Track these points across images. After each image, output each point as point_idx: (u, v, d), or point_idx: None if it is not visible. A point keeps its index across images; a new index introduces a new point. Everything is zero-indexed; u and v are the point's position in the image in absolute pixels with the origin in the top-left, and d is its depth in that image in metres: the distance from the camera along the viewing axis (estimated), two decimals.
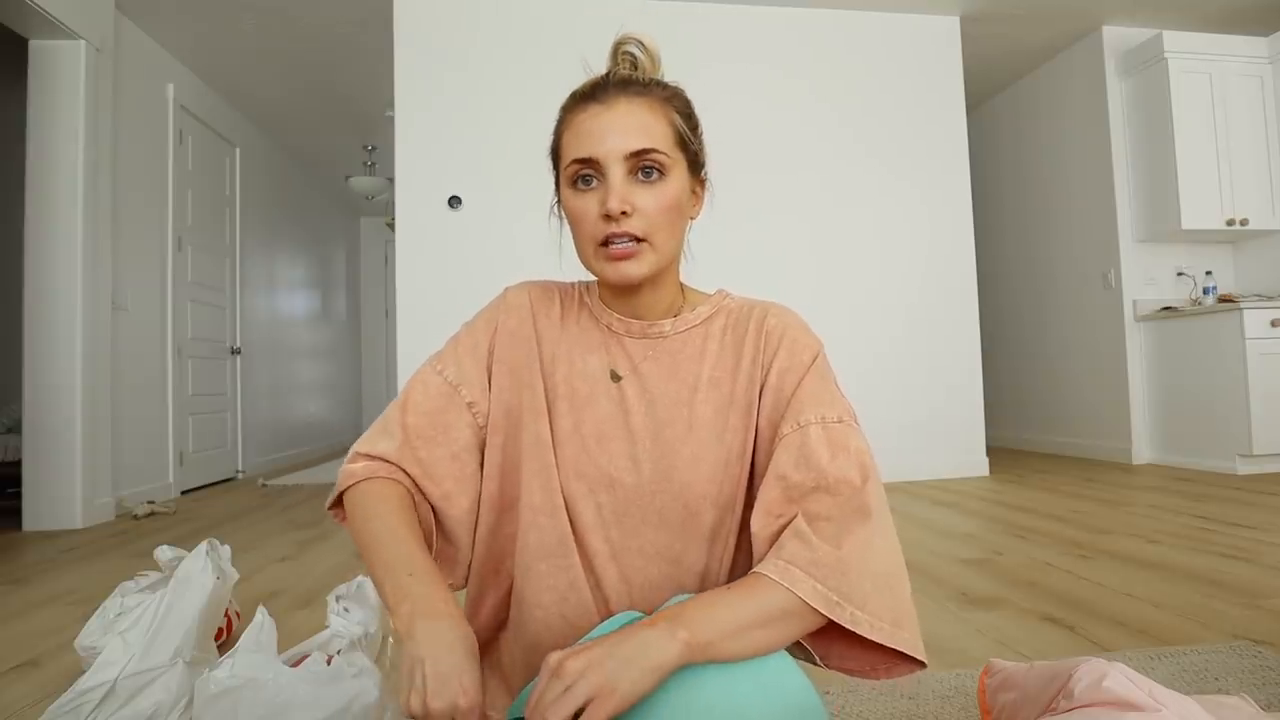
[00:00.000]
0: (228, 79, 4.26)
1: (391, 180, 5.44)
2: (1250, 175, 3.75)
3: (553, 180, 0.75)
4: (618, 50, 0.73)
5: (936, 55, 3.82)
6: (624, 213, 0.67)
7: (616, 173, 0.67)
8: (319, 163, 5.86)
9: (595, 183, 0.69)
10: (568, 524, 0.73)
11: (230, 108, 4.61)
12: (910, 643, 0.61)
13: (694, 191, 0.75)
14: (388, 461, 0.73)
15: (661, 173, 0.69)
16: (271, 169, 5.31)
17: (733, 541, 0.74)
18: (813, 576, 0.61)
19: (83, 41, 2.97)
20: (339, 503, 0.75)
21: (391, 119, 3.43)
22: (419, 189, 3.32)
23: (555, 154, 0.74)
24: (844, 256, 3.67)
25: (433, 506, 0.74)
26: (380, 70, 3.91)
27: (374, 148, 5.43)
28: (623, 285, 0.71)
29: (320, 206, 6.41)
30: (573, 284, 0.84)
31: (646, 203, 0.68)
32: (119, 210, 3.31)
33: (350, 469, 0.73)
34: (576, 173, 0.69)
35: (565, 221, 0.74)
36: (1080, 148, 4.20)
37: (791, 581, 0.60)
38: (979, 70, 4.35)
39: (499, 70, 3.37)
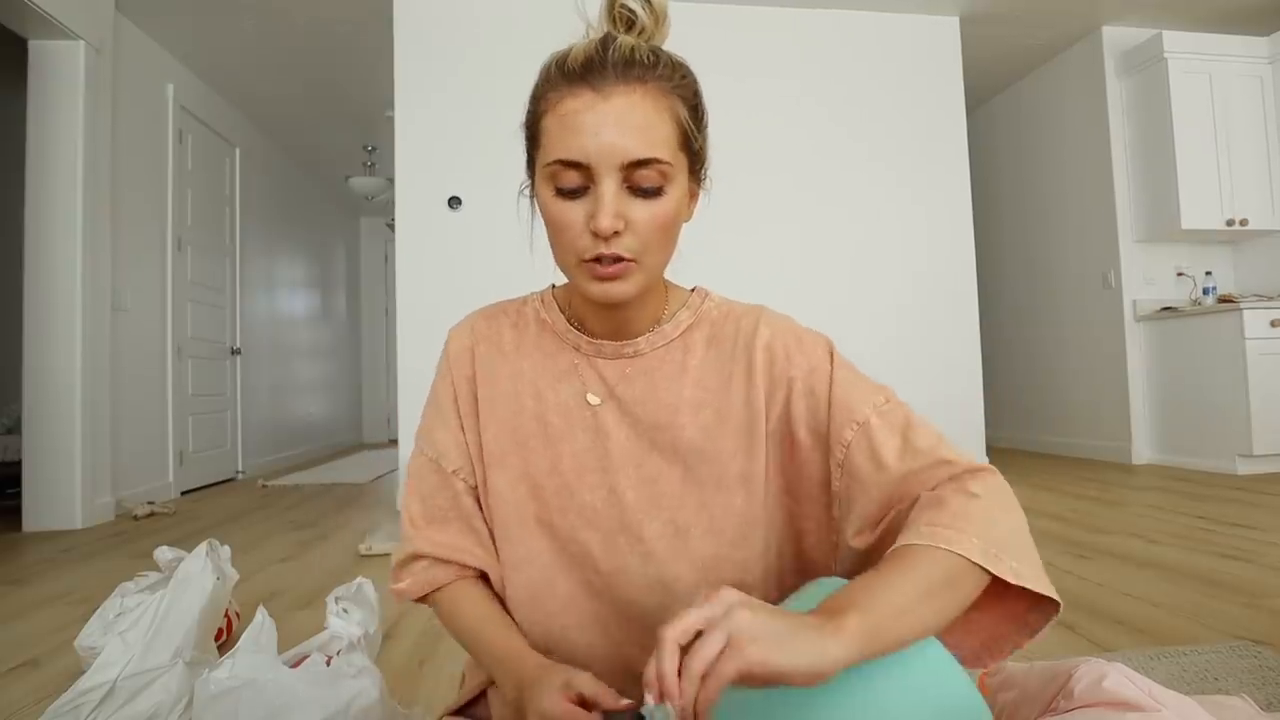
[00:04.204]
0: (228, 79, 4.26)
1: (391, 180, 5.43)
2: (1250, 175, 3.75)
3: (525, 159, 0.66)
4: (614, 2, 0.61)
5: (936, 56, 3.82)
6: (615, 231, 0.58)
7: (610, 185, 0.57)
8: (319, 163, 5.86)
9: (582, 190, 0.59)
10: (536, 573, 0.70)
11: (230, 108, 4.61)
12: (1054, 594, 0.54)
13: (691, 193, 0.66)
14: (423, 557, 0.72)
15: (661, 186, 0.59)
16: (271, 169, 5.31)
17: (739, 565, 0.68)
18: (964, 531, 0.51)
19: (82, 42, 2.97)
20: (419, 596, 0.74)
21: (391, 119, 3.43)
22: (419, 189, 3.32)
23: (532, 133, 0.63)
24: (843, 257, 3.67)
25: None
26: (380, 70, 3.91)
27: (374, 148, 5.43)
28: (607, 305, 0.65)
29: (320, 206, 6.41)
30: (524, 300, 0.76)
31: (642, 218, 0.59)
32: (119, 210, 3.31)
33: (402, 587, 0.72)
34: (559, 173, 0.59)
35: (537, 210, 0.64)
36: (1080, 148, 4.20)
37: (947, 541, 0.50)
38: (979, 71, 4.34)
39: (499, 70, 3.37)
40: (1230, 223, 3.69)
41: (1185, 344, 3.70)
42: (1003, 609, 0.56)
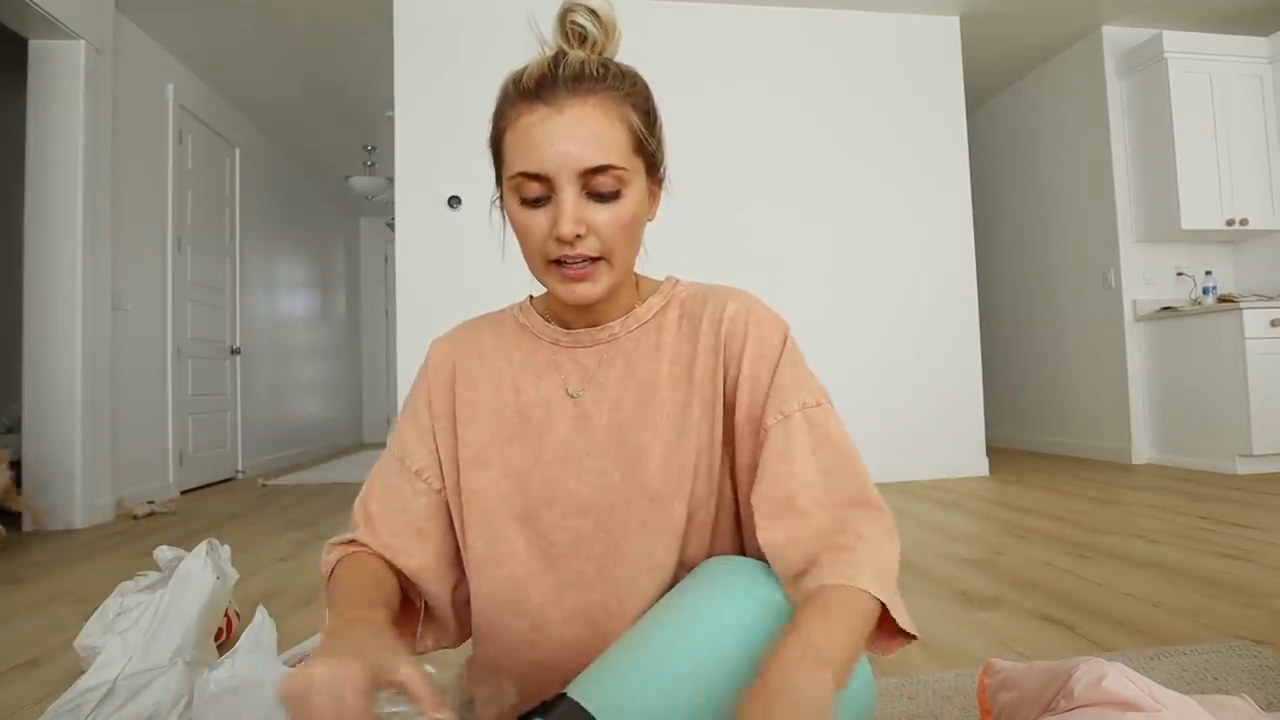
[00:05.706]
0: (228, 79, 4.26)
1: (391, 180, 5.44)
2: (1250, 175, 3.75)
3: (493, 171, 0.70)
4: (565, 20, 0.65)
5: (936, 55, 3.82)
6: (578, 235, 0.62)
7: (569, 193, 0.61)
8: (319, 163, 5.86)
9: (545, 199, 0.63)
10: (518, 569, 0.70)
11: (230, 108, 4.61)
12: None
13: (651, 193, 0.69)
14: (357, 542, 0.72)
15: (618, 190, 0.63)
16: (271, 169, 5.31)
17: (707, 535, 0.71)
18: (873, 578, 0.58)
19: (82, 41, 2.97)
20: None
21: (391, 119, 3.43)
22: (419, 189, 3.32)
23: (496, 149, 0.68)
24: (843, 257, 3.67)
25: (413, 580, 0.72)
26: (380, 70, 3.91)
27: (374, 148, 5.43)
28: (578, 305, 0.68)
29: (320, 206, 6.41)
30: (503, 310, 0.79)
31: (603, 221, 0.62)
32: (119, 210, 3.31)
33: (326, 560, 0.71)
34: (522, 185, 0.63)
35: (507, 220, 0.68)
36: (1080, 148, 4.20)
37: (857, 581, 0.57)
38: (979, 70, 4.34)
39: (499, 69, 3.34)
40: (1230, 222, 3.69)
41: (1185, 344, 3.70)
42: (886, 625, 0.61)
